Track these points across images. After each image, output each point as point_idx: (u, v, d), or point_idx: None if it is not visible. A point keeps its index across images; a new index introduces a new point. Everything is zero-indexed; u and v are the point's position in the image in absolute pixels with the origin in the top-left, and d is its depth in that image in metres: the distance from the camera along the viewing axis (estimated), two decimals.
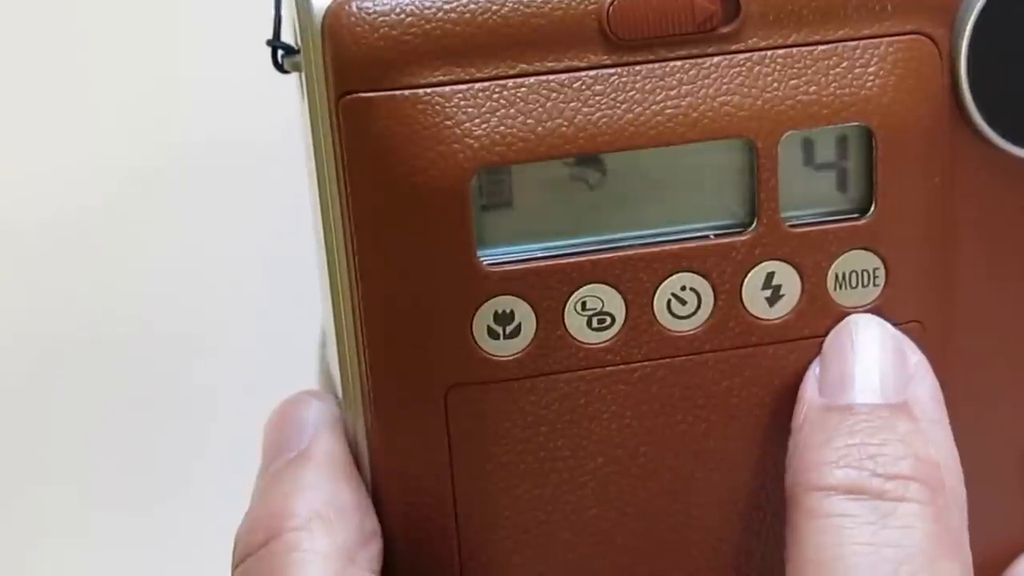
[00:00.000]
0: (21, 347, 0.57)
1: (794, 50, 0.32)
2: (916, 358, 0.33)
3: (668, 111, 0.31)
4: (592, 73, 0.31)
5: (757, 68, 0.32)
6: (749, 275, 0.33)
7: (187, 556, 0.54)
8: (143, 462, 0.59)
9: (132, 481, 0.59)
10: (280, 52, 0.33)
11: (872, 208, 0.33)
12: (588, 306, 0.32)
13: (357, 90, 0.31)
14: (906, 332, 0.33)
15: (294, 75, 0.33)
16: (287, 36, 0.33)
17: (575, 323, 0.32)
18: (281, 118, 0.34)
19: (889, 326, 0.33)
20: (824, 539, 0.31)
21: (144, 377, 0.58)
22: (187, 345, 0.58)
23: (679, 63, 0.32)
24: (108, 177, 0.56)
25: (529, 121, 0.31)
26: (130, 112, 0.55)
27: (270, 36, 0.33)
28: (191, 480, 0.59)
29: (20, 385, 0.57)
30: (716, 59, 0.32)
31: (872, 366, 0.32)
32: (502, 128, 0.31)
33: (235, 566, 0.33)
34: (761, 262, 0.32)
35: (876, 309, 0.33)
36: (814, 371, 0.33)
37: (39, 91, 0.55)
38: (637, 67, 0.31)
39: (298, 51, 0.32)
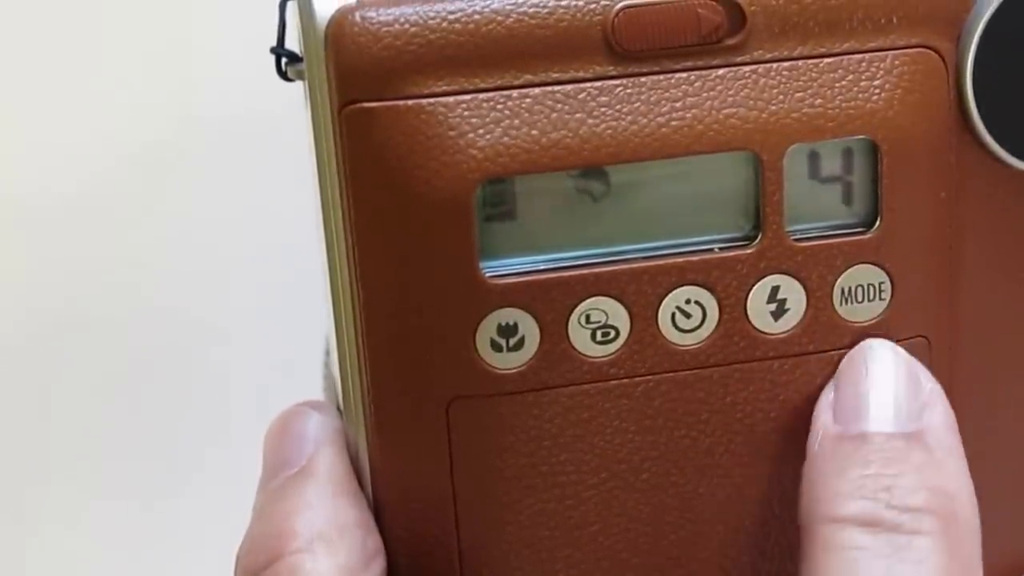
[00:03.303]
0: (25, 327, 0.57)
1: (799, 62, 0.32)
2: (931, 385, 0.32)
3: (673, 123, 0.31)
4: (597, 84, 0.31)
5: (762, 80, 0.32)
6: (754, 289, 0.32)
7: (194, 549, 0.53)
8: (150, 452, 0.58)
9: (138, 472, 0.58)
10: (284, 60, 0.33)
11: (877, 222, 0.32)
12: (592, 319, 0.32)
13: (360, 100, 0.31)
14: (912, 347, 0.33)
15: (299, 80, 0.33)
16: (291, 43, 0.33)
17: (579, 336, 0.32)
18: (295, 92, 0.34)
19: (903, 352, 0.33)
20: (838, 572, 0.30)
21: (152, 361, 0.57)
22: (198, 327, 0.57)
23: (684, 75, 0.31)
24: (118, 153, 0.56)
25: (533, 132, 0.31)
26: (140, 87, 0.55)
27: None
28: (202, 472, 0.58)
29: (25, 366, 0.57)
30: (721, 71, 0.32)
31: (886, 393, 0.32)
32: (506, 139, 0.31)
33: None
34: (766, 276, 0.32)
35: (882, 324, 0.33)
36: (828, 396, 0.33)
37: (50, 66, 0.55)
38: (642, 79, 0.31)
39: (302, 59, 0.32)
